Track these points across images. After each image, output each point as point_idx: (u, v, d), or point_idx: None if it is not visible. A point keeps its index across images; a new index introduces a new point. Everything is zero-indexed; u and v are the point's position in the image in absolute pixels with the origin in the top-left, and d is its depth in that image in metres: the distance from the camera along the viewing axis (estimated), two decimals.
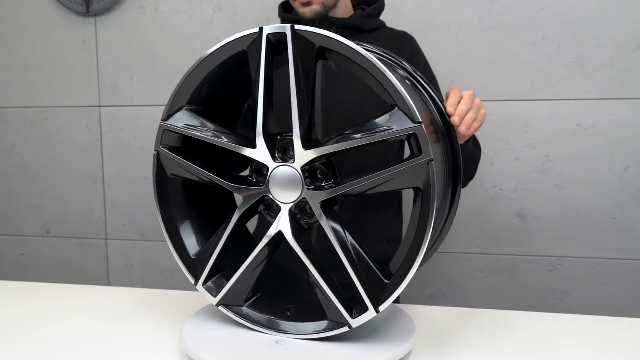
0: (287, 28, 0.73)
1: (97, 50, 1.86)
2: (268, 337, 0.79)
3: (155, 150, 0.84)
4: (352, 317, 0.74)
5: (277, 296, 0.85)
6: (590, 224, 1.59)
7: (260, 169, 0.81)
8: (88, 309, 0.97)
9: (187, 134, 0.81)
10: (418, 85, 0.84)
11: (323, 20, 1.18)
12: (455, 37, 1.61)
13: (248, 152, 0.78)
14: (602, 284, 1.60)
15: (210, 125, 0.81)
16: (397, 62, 0.87)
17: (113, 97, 1.87)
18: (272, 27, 0.74)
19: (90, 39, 1.86)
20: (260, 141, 0.77)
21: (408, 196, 1.48)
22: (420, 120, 0.68)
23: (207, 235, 0.86)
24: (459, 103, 0.84)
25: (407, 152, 1.29)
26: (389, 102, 0.71)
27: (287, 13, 1.25)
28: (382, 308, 0.73)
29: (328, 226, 0.74)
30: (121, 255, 1.96)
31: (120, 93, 1.86)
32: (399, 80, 0.70)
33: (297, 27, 0.73)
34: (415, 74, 0.86)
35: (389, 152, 1.16)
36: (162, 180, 0.85)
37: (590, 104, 1.55)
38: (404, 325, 0.83)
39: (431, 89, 0.85)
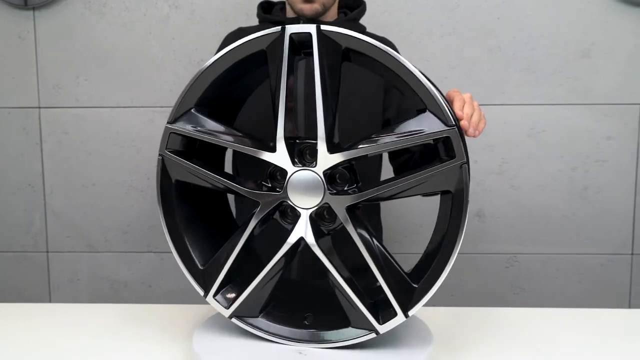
0: (312, 28, 0.71)
1: (35, 47, 1.71)
2: (288, 348, 0.77)
3: (160, 155, 0.79)
4: (379, 322, 0.74)
5: (291, 306, 0.82)
6: (542, 221, 1.69)
7: (274, 174, 0.78)
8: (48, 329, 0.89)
9: (200, 137, 0.77)
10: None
11: (310, 22, 1.15)
12: (417, 43, 1.65)
13: (267, 156, 0.75)
14: (553, 277, 1.71)
15: (221, 128, 0.78)
16: None
17: (55, 97, 1.72)
18: (296, 26, 0.72)
19: (28, 34, 1.70)
20: (281, 145, 0.74)
21: (387, 204, 1.49)
22: (454, 123, 0.69)
23: (214, 244, 0.82)
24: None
25: (385, 166, 1.29)
26: (418, 105, 0.71)
27: (265, 13, 1.21)
28: (411, 312, 0.72)
29: (354, 231, 0.73)
30: (64, 268, 1.81)
31: (64, 93, 1.72)
32: (430, 82, 0.70)
33: (322, 27, 0.71)
34: None
35: (371, 161, 1.16)
36: (166, 186, 0.80)
37: (541, 108, 1.64)
38: (418, 329, 0.83)
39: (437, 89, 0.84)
